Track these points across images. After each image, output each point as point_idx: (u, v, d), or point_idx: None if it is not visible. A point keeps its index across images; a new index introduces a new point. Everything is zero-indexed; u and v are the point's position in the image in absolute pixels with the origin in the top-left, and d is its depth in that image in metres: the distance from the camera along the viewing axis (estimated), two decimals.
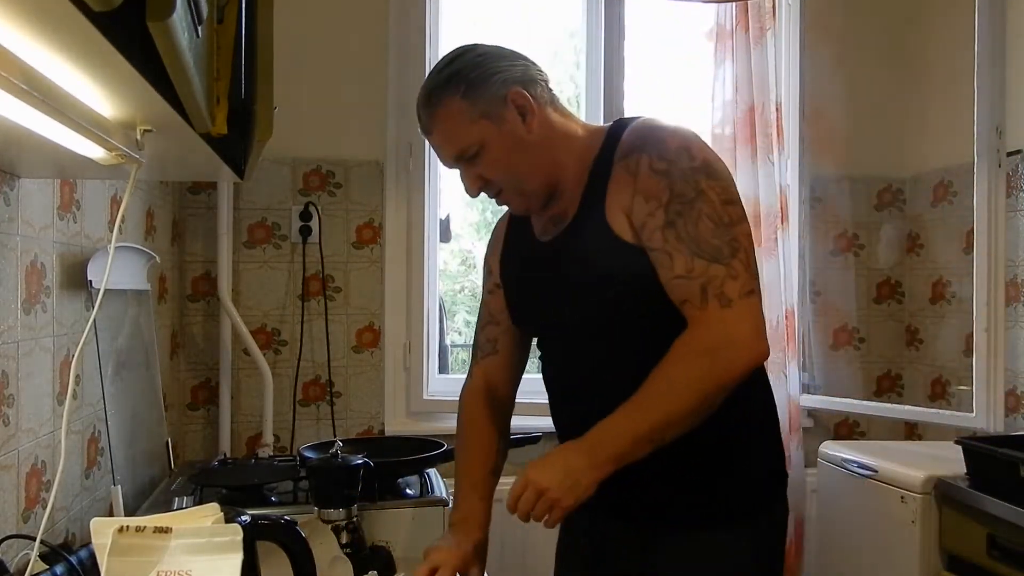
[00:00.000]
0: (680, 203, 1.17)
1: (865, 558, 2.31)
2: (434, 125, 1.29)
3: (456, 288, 3.44)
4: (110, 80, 0.65)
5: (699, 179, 1.19)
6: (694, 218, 1.17)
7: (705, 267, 1.16)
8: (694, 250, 1.16)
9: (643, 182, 1.20)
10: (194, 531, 0.91)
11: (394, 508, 1.58)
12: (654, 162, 1.20)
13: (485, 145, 1.25)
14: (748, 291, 1.16)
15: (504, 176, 1.28)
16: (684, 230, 1.17)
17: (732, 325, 1.15)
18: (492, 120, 1.25)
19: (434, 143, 1.32)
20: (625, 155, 1.24)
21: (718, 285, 1.15)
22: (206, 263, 2.49)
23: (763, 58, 2.78)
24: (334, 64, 2.55)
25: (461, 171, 1.31)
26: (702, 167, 1.20)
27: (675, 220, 1.18)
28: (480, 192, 1.31)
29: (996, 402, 2.38)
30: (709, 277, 1.16)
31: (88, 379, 1.55)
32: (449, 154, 1.30)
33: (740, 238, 1.18)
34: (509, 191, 1.30)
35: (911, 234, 2.94)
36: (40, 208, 1.35)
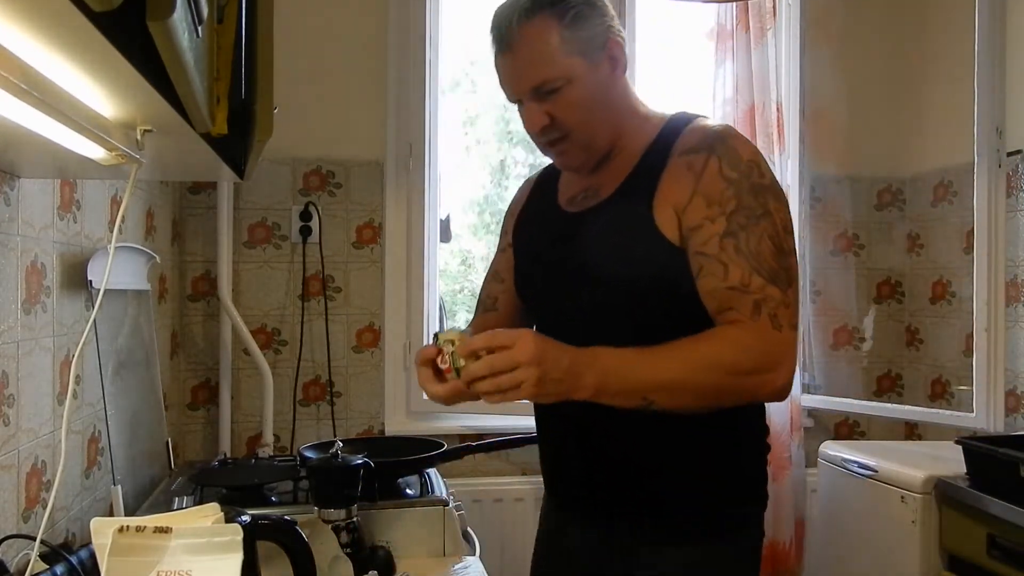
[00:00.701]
0: (745, 216, 1.13)
1: (865, 558, 2.31)
2: (521, 43, 1.17)
3: (456, 288, 3.44)
4: (110, 80, 0.65)
5: (767, 198, 1.15)
6: (757, 235, 1.12)
7: (763, 285, 1.11)
8: (754, 266, 1.12)
9: (708, 184, 1.15)
10: (194, 531, 0.91)
11: (394, 508, 1.57)
12: (724, 168, 1.15)
13: (571, 82, 1.17)
14: (795, 324, 1.13)
15: (577, 122, 1.20)
16: (746, 244, 1.12)
17: (780, 350, 1.11)
18: (586, 59, 1.17)
19: (512, 65, 1.19)
20: (689, 151, 1.18)
21: (773, 307, 1.11)
22: (206, 263, 2.49)
23: (763, 58, 2.78)
24: (334, 64, 2.55)
25: (527, 106, 1.20)
26: (770, 187, 1.16)
27: (737, 232, 1.12)
28: (540, 132, 1.21)
29: (996, 402, 2.38)
30: (766, 296, 1.11)
31: (88, 379, 1.55)
32: (527, 80, 1.18)
33: (794, 269, 1.15)
34: (574, 140, 1.22)
35: (911, 234, 2.94)
36: (40, 208, 1.35)
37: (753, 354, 1.11)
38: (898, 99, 2.87)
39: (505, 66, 1.20)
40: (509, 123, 3.11)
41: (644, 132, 1.24)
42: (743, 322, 1.11)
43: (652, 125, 1.25)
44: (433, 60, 2.63)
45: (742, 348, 1.11)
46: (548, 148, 1.25)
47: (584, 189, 1.28)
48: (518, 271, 1.39)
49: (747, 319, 1.11)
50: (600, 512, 1.29)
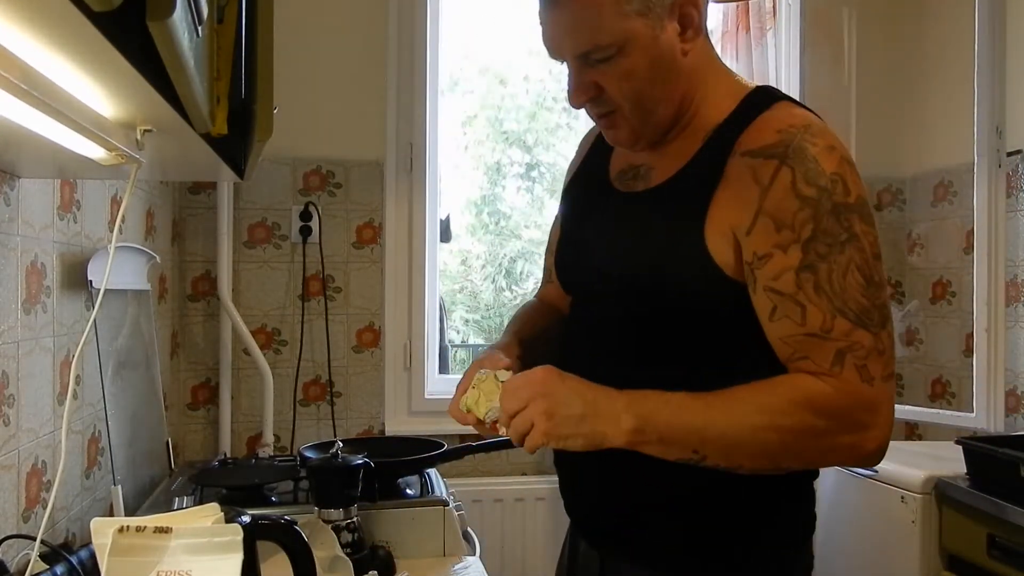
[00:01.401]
0: (826, 244, 0.93)
1: (865, 558, 2.31)
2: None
3: (456, 288, 3.45)
4: (110, 80, 0.65)
5: (853, 220, 0.94)
6: (842, 267, 0.93)
7: (849, 329, 0.93)
8: (838, 306, 0.92)
9: (777, 202, 0.94)
10: (194, 531, 0.91)
11: (394, 508, 1.57)
12: (799, 182, 0.94)
13: (626, 48, 0.97)
14: (890, 374, 0.95)
15: (629, 95, 1.00)
16: (828, 279, 0.93)
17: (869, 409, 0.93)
18: (649, 21, 0.97)
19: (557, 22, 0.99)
20: (756, 152, 0.97)
21: (862, 356, 0.92)
22: (206, 263, 2.49)
23: (763, 58, 2.78)
24: (334, 64, 2.55)
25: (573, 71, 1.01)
26: (857, 205, 0.95)
27: (816, 264, 0.93)
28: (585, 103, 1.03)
29: (996, 402, 2.38)
30: (852, 343, 0.92)
31: (88, 379, 1.54)
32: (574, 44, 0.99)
33: (887, 305, 0.96)
34: (631, 112, 1.02)
35: (911, 234, 2.94)
36: (40, 208, 1.35)
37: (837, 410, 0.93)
38: (898, 99, 2.88)
39: (550, 23, 1.00)
40: (503, 123, 3.11)
41: (718, 109, 1.03)
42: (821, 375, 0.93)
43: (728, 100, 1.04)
44: (433, 60, 2.63)
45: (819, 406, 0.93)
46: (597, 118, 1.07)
47: (636, 166, 1.10)
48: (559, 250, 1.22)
49: (827, 370, 0.93)
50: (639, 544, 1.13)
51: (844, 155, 0.98)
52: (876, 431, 0.94)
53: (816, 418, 0.93)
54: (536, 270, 4.67)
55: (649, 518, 1.09)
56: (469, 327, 4.57)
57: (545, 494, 2.55)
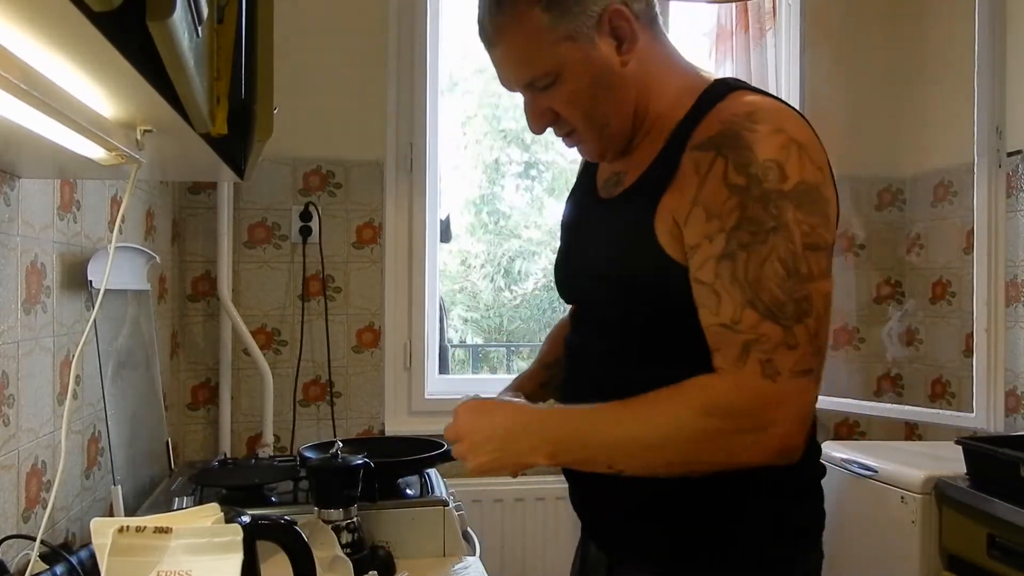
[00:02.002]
0: (749, 232, 0.91)
1: (865, 558, 2.31)
2: (502, 38, 1.01)
3: (456, 288, 3.45)
4: (110, 80, 0.65)
5: (785, 208, 0.91)
6: (761, 256, 0.91)
7: (756, 322, 0.90)
8: (748, 297, 0.91)
9: (709, 192, 0.94)
10: (194, 531, 0.91)
11: (394, 508, 1.57)
12: (729, 171, 0.93)
13: (564, 74, 1.00)
14: (804, 370, 0.90)
15: (581, 114, 1.04)
16: (744, 268, 0.91)
17: (770, 406, 0.90)
18: (579, 43, 0.99)
19: (497, 60, 1.04)
20: (701, 145, 0.97)
21: (768, 349, 0.90)
22: (206, 263, 2.49)
23: (763, 58, 2.78)
24: (334, 64, 2.55)
25: (526, 100, 1.06)
26: (795, 192, 0.91)
27: (736, 253, 0.92)
28: (545, 129, 1.07)
29: (996, 402, 2.38)
30: (759, 336, 0.90)
31: (88, 379, 1.55)
32: (515, 79, 1.04)
33: (815, 298, 0.91)
34: (585, 131, 1.06)
35: (911, 234, 2.94)
36: (40, 208, 1.35)
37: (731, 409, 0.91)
38: (898, 99, 2.88)
39: (494, 61, 1.05)
40: (500, 121, 3.11)
41: (678, 106, 1.04)
42: (724, 370, 0.92)
43: (687, 96, 1.04)
44: (433, 60, 2.63)
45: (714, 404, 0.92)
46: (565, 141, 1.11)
47: (616, 173, 1.12)
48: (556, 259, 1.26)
49: (732, 365, 0.91)
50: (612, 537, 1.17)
51: (794, 137, 0.95)
52: (780, 428, 0.91)
53: (709, 419, 0.92)
54: (536, 269, 4.67)
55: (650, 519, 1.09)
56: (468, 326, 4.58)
57: (545, 494, 2.55)
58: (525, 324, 4.71)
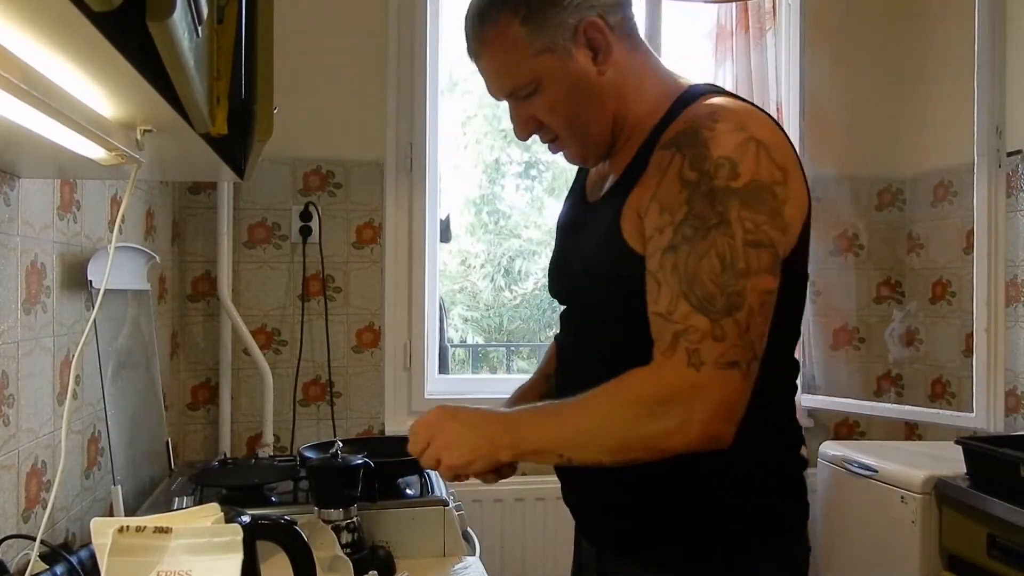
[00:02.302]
0: (693, 227, 0.95)
1: (865, 558, 2.31)
2: (482, 51, 1.08)
3: (456, 288, 3.45)
4: (110, 80, 0.65)
5: (729, 205, 0.94)
6: (700, 251, 0.94)
7: (687, 313, 0.94)
8: (684, 289, 0.95)
9: (665, 187, 0.98)
10: (194, 531, 0.91)
11: (394, 508, 1.57)
12: (684, 167, 0.97)
13: (544, 83, 1.05)
14: (729, 362, 0.93)
15: (562, 121, 1.09)
16: (683, 261, 0.95)
17: (691, 390, 0.93)
18: (556, 55, 1.04)
19: (482, 71, 1.11)
20: (664, 144, 1.02)
21: (695, 340, 0.93)
22: (206, 263, 2.49)
23: (763, 58, 2.78)
24: (334, 64, 2.55)
25: (511, 108, 1.11)
26: (744, 189, 0.95)
27: (679, 245, 0.95)
28: (530, 136, 1.13)
29: (996, 402, 2.38)
30: (688, 327, 0.94)
31: (88, 379, 1.55)
32: (499, 88, 1.10)
33: (748, 293, 0.94)
34: (567, 138, 1.11)
35: (911, 234, 2.94)
36: (40, 208, 1.35)
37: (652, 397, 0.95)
38: (898, 99, 2.87)
39: (480, 72, 1.12)
40: (501, 120, 3.12)
41: (656, 111, 1.08)
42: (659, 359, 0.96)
43: (664, 101, 1.09)
44: (433, 60, 2.63)
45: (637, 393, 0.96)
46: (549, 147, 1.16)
47: (600, 178, 1.17)
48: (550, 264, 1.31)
49: (660, 354, 0.96)
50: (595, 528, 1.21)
51: (754, 136, 0.98)
52: (700, 415, 0.93)
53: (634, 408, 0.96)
54: (536, 269, 4.67)
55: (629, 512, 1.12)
56: (468, 325, 4.58)
57: (545, 494, 2.55)
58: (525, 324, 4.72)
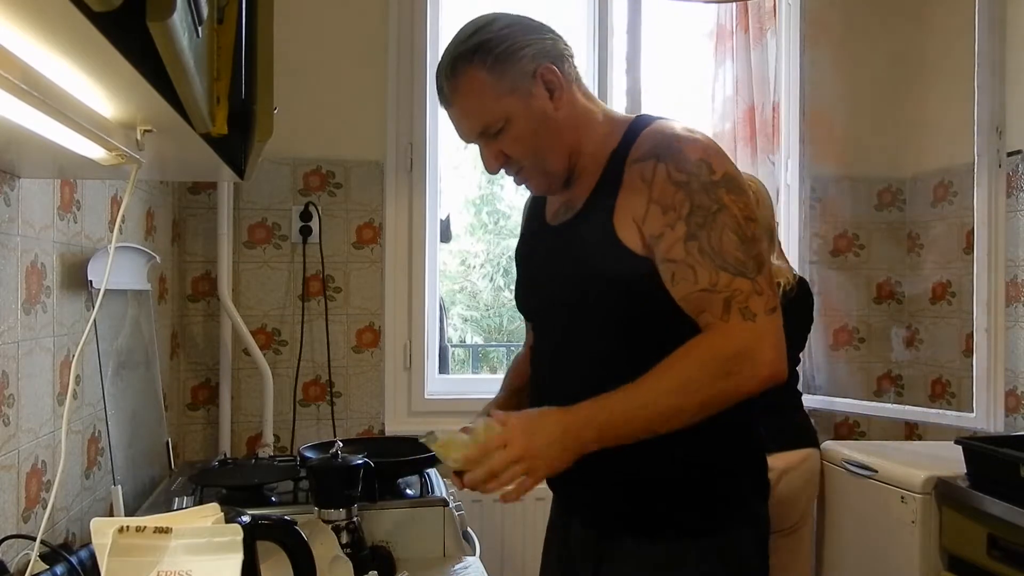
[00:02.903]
0: (702, 215, 1.14)
1: (865, 558, 2.31)
2: (456, 98, 1.24)
3: (456, 288, 3.45)
4: (110, 80, 0.65)
5: (720, 192, 1.15)
6: (718, 231, 1.13)
7: (730, 280, 1.13)
8: (719, 263, 1.13)
9: (660, 192, 1.16)
10: (194, 531, 0.91)
11: (394, 508, 1.57)
12: (672, 172, 1.16)
13: (510, 121, 1.21)
14: (772, 308, 1.14)
15: (527, 154, 1.24)
16: (708, 243, 1.13)
17: (755, 339, 1.12)
18: (519, 96, 1.21)
19: (454, 116, 1.26)
20: (639, 159, 1.20)
21: (743, 299, 1.12)
22: (206, 263, 2.49)
23: (763, 58, 2.78)
24: (334, 64, 2.55)
25: (481, 147, 1.27)
26: (723, 180, 1.16)
27: (697, 232, 1.14)
28: (500, 169, 1.27)
29: (996, 402, 2.38)
30: (734, 291, 1.13)
31: (88, 379, 1.55)
32: (470, 129, 1.25)
33: (764, 255, 1.16)
34: (530, 170, 1.27)
35: (911, 234, 2.94)
36: (40, 208, 1.35)
37: (728, 354, 1.12)
38: (898, 99, 2.87)
39: (451, 117, 1.27)
40: None
41: (608, 140, 1.26)
42: (714, 324, 1.14)
43: (616, 131, 1.27)
44: (433, 60, 2.63)
45: (723, 357, 1.12)
46: (514, 179, 1.30)
47: (564, 203, 1.32)
48: (518, 288, 1.45)
49: (719, 319, 1.13)
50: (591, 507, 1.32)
51: (707, 144, 1.19)
52: (766, 355, 1.12)
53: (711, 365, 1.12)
54: None
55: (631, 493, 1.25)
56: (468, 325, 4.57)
57: (545, 494, 2.53)
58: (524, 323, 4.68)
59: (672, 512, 1.24)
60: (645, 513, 1.25)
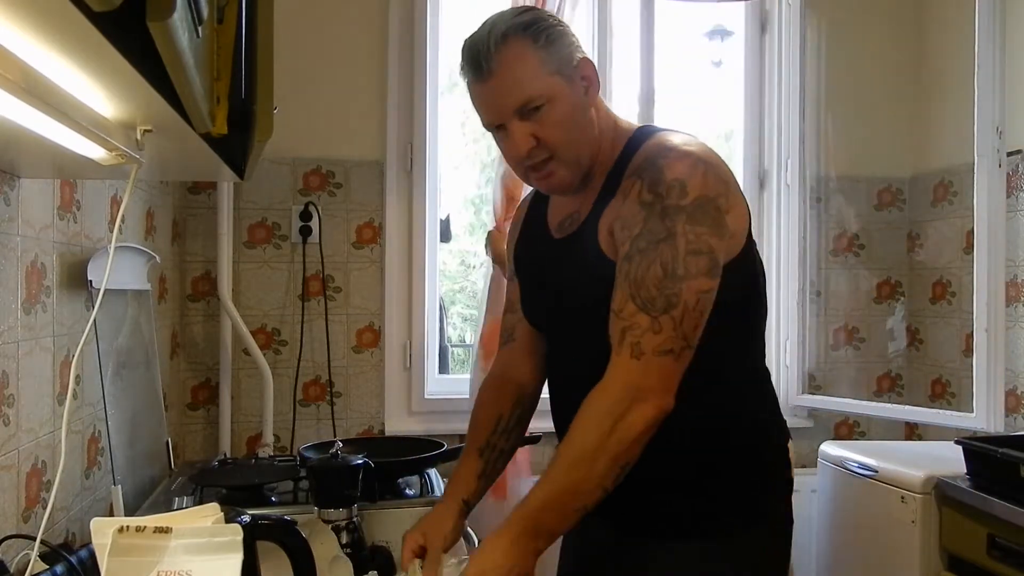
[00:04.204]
0: (646, 241, 1.14)
1: (865, 558, 2.31)
2: (501, 67, 1.18)
3: (456, 288, 3.44)
4: (110, 80, 0.65)
5: (677, 221, 1.13)
6: (648, 261, 1.13)
7: (633, 312, 1.13)
8: (632, 292, 1.13)
9: (627, 208, 1.17)
10: (194, 531, 0.91)
11: (394, 508, 1.58)
12: (643, 191, 1.16)
13: (551, 101, 1.18)
14: (665, 350, 1.12)
15: (562, 140, 1.20)
16: (635, 269, 1.14)
17: (636, 377, 1.12)
18: (563, 78, 1.20)
19: (493, 89, 1.20)
20: (627, 174, 1.21)
21: (637, 334, 1.12)
22: (206, 263, 2.49)
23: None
24: (334, 64, 2.55)
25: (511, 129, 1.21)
26: (689, 207, 1.13)
27: (633, 256, 1.14)
28: (528, 153, 1.21)
29: (996, 402, 2.37)
30: (632, 323, 1.12)
31: (88, 379, 1.55)
32: (509, 104, 1.19)
33: (684, 294, 1.12)
34: (560, 159, 1.22)
35: (911, 234, 2.94)
36: (40, 208, 1.35)
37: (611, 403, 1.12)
38: (898, 99, 2.87)
39: (485, 92, 1.21)
40: None
41: (614, 150, 1.27)
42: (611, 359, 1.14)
43: (620, 141, 1.27)
44: (433, 60, 2.63)
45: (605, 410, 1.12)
46: (533, 172, 1.25)
47: (568, 215, 1.32)
48: (524, 301, 1.43)
49: (614, 351, 1.14)
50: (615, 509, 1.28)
51: (701, 158, 1.17)
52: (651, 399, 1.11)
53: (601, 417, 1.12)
54: None
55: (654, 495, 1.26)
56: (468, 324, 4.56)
57: None
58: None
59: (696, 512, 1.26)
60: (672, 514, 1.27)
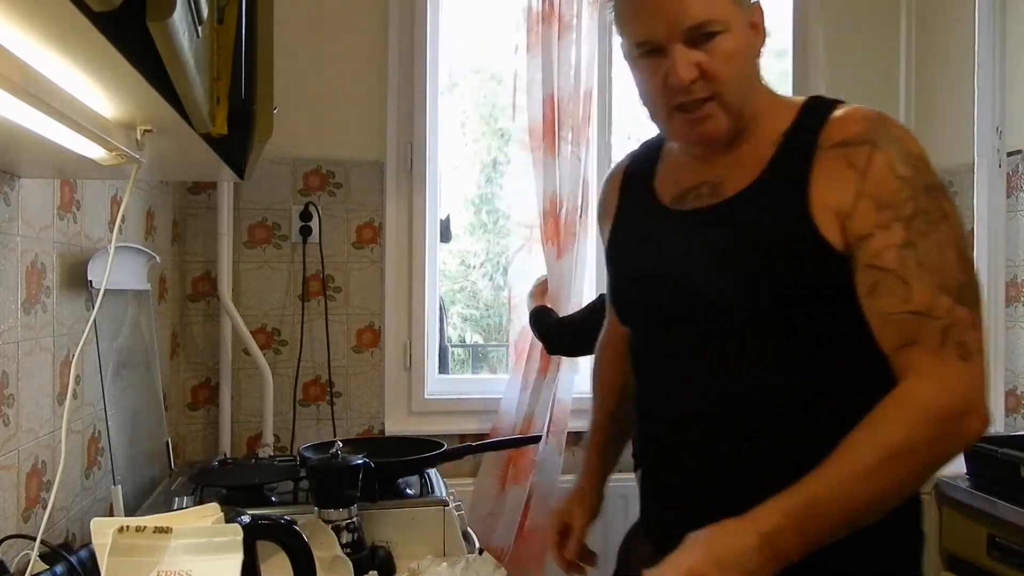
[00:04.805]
0: (925, 222, 0.97)
1: None
2: None
3: (456, 288, 3.44)
4: (110, 80, 0.65)
5: (942, 198, 0.99)
6: (938, 244, 0.96)
7: (951, 306, 0.95)
8: (939, 282, 0.95)
9: (877, 184, 0.98)
10: (194, 531, 0.91)
11: (394, 508, 1.57)
12: (896, 163, 0.99)
13: (729, 30, 1.04)
14: (981, 347, 0.97)
15: (732, 76, 1.05)
16: (927, 255, 0.96)
17: (972, 386, 0.96)
18: (743, 11, 1.07)
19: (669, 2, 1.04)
20: (845, 143, 1.02)
21: (962, 332, 0.95)
22: (206, 263, 2.49)
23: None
24: (334, 64, 2.55)
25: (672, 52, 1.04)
26: (943, 186, 1.01)
27: (917, 240, 0.96)
28: (690, 84, 1.04)
29: (996, 402, 2.38)
30: (955, 320, 0.95)
31: (88, 379, 1.54)
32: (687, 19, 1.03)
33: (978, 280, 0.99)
34: (723, 100, 1.06)
35: None
36: (40, 208, 1.35)
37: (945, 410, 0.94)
38: (898, 99, 2.87)
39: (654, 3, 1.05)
40: (498, 120, 3.11)
41: (777, 117, 1.09)
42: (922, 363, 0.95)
43: (784, 111, 1.10)
44: (433, 60, 2.63)
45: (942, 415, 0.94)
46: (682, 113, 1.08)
47: (697, 184, 1.13)
48: (617, 284, 1.25)
49: (931, 355, 0.95)
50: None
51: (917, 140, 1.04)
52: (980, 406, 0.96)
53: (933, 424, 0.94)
54: None
55: None
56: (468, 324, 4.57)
57: None
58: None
59: None
60: None
